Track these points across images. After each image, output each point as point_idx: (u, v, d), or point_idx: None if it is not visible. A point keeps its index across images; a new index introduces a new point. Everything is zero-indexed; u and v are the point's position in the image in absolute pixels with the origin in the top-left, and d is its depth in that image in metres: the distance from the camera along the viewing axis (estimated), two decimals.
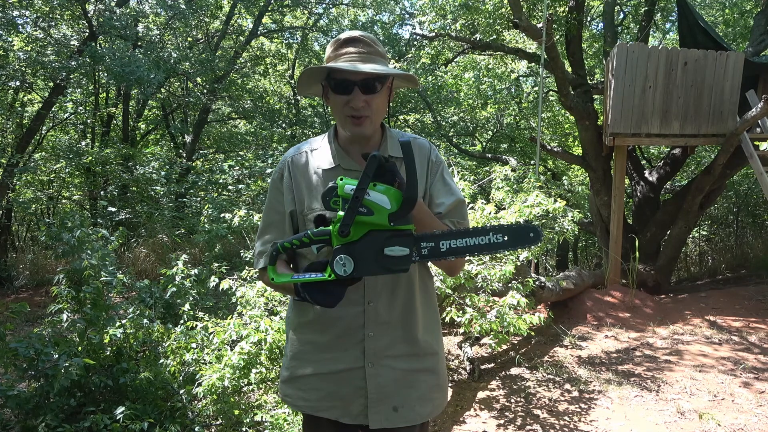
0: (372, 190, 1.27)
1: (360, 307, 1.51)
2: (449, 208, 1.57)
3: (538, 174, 6.88)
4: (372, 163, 1.25)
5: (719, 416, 3.55)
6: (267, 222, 1.62)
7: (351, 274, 1.28)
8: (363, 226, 1.28)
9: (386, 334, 1.52)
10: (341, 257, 1.28)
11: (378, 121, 1.54)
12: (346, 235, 1.27)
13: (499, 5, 8.32)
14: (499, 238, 1.33)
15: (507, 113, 12.55)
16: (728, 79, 6.48)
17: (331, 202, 1.29)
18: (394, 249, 1.28)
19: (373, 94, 1.47)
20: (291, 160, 1.62)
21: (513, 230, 1.34)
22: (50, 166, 9.95)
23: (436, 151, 1.66)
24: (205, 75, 10.74)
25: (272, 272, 1.40)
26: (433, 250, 1.33)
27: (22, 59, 8.29)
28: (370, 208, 1.26)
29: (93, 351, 3.23)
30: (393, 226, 1.27)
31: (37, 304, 6.41)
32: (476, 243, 1.33)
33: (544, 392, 4.04)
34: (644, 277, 7.01)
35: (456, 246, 1.33)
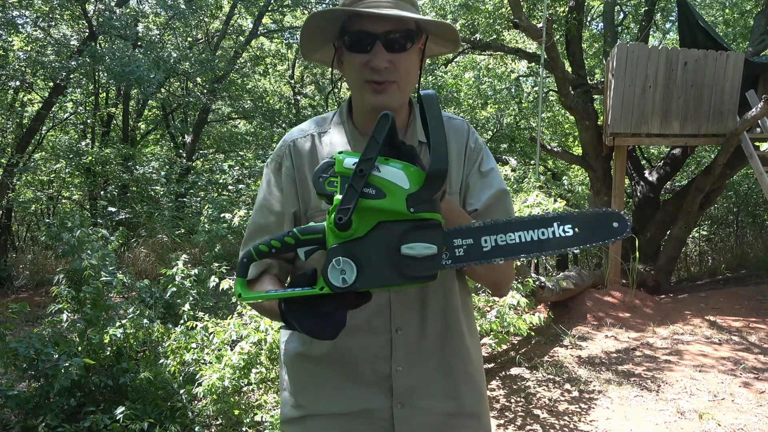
0: (384, 165, 0.90)
1: (386, 336, 1.18)
2: (488, 204, 1.21)
3: (538, 174, 6.88)
4: (383, 124, 0.89)
5: (719, 416, 3.55)
6: (258, 225, 1.24)
7: (353, 284, 0.88)
8: (370, 214, 0.89)
9: (420, 367, 1.20)
10: (339, 260, 0.88)
11: (407, 91, 1.18)
12: (347, 228, 0.88)
13: (499, 5, 8.32)
14: (567, 230, 0.95)
15: (507, 113, 12.55)
16: (728, 79, 6.48)
17: (326, 182, 0.92)
18: (415, 246, 0.89)
19: (400, 53, 1.11)
20: (293, 144, 1.25)
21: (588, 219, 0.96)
22: (50, 166, 9.96)
23: (477, 136, 1.29)
24: (205, 75, 10.74)
25: (240, 286, 0.99)
26: (471, 250, 0.96)
27: (22, 59, 8.30)
28: (381, 189, 0.88)
29: (93, 351, 3.23)
30: (413, 213, 0.88)
31: (37, 304, 6.41)
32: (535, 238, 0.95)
33: (544, 392, 4.04)
34: (644, 277, 7.01)
35: (506, 243, 0.95)
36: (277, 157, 1.26)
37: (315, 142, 1.25)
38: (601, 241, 0.95)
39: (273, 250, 0.96)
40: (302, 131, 1.28)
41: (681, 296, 6.90)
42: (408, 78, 1.16)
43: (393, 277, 0.90)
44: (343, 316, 0.94)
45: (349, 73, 1.17)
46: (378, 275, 0.89)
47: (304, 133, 1.27)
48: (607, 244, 0.91)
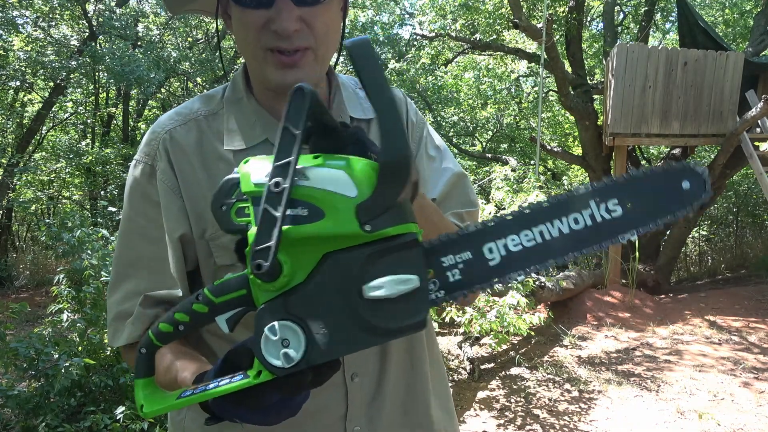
0: (314, 167, 0.59)
1: (339, 388, 0.89)
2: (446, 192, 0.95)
3: (538, 174, 6.89)
4: (297, 102, 0.57)
5: (719, 416, 3.55)
6: (128, 260, 0.87)
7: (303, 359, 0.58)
8: (309, 246, 0.58)
9: (382, 420, 0.92)
10: (274, 327, 0.58)
11: (327, 59, 0.86)
12: (275, 276, 0.57)
13: (499, 5, 8.32)
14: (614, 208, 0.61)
15: (507, 113, 12.55)
16: (728, 79, 6.48)
17: (232, 212, 0.60)
18: (384, 283, 0.57)
19: (314, 5, 0.78)
20: (169, 137, 0.87)
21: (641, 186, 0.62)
22: (50, 166, 9.96)
23: (415, 107, 1.01)
24: (205, 75, 10.74)
25: (142, 393, 0.67)
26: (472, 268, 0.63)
27: (22, 59, 8.29)
28: (315, 205, 0.57)
29: (93, 351, 3.23)
30: (371, 232, 0.57)
31: (37, 304, 6.41)
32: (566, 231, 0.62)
33: (544, 392, 4.04)
34: (644, 277, 7.01)
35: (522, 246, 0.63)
36: (145, 157, 0.87)
37: (202, 128, 0.88)
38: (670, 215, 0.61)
39: (180, 327, 0.65)
40: (180, 115, 0.90)
41: (681, 296, 6.91)
42: (327, 40, 0.83)
43: (362, 338, 0.59)
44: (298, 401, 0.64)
45: (243, 39, 0.82)
46: (339, 338, 0.58)
47: (185, 117, 0.89)
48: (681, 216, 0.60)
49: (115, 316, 0.87)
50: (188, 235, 0.85)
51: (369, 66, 0.56)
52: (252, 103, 0.89)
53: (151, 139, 0.88)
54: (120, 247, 0.89)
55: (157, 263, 0.84)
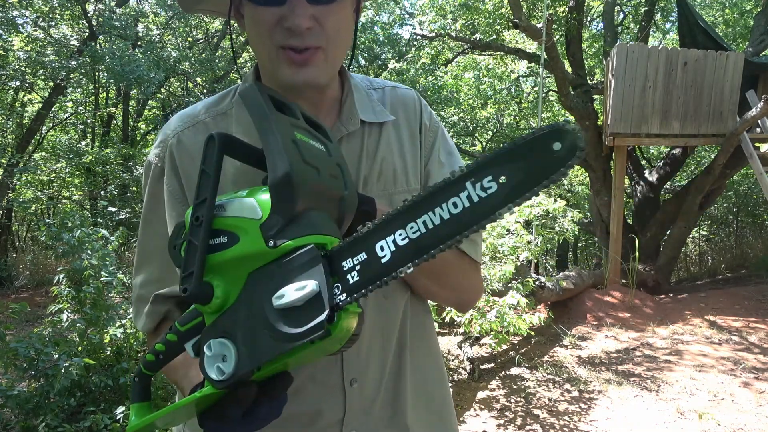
0: (230, 199, 0.67)
1: (337, 393, 0.89)
2: None
3: None
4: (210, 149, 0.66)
5: (719, 416, 3.55)
6: (146, 250, 0.94)
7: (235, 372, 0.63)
8: (235, 269, 0.65)
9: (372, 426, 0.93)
10: (210, 344, 0.65)
11: (339, 58, 0.86)
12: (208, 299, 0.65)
13: (499, 5, 8.32)
14: (489, 185, 0.60)
15: (507, 113, 12.56)
16: (728, 79, 6.49)
17: (182, 248, 0.66)
18: (284, 291, 0.62)
19: (329, 4, 0.79)
20: (176, 140, 0.89)
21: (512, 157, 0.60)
22: (50, 166, 9.97)
23: (429, 109, 1.00)
24: (205, 75, 10.74)
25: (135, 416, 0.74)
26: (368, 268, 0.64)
27: (22, 59, 8.30)
28: (232, 232, 0.65)
29: (93, 351, 3.23)
30: (274, 247, 0.63)
31: (37, 304, 6.41)
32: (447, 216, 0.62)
33: (544, 392, 4.04)
34: (644, 277, 7.01)
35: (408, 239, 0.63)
36: (156, 158, 0.90)
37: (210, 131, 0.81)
38: (545, 181, 0.58)
39: (161, 356, 0.73)
40: (189, 117, 0.90)
41: (681, 296, 6.91)
42: (339, 41, 0.82)
43: (274, 345, 0.62)
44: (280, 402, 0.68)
45: (256, 36, 0.82)
46: (258, 349, 0.63)
47: (192, 119, 0.90)
48: (556, 180, 0.58)
49: (136, 297, 0.94)
50: None
51: (253, 106, 0.67)
52: None
53: (161, 141, 0.90)
54: (140, 236, 0.94)
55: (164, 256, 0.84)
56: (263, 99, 0.67)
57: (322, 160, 0.71)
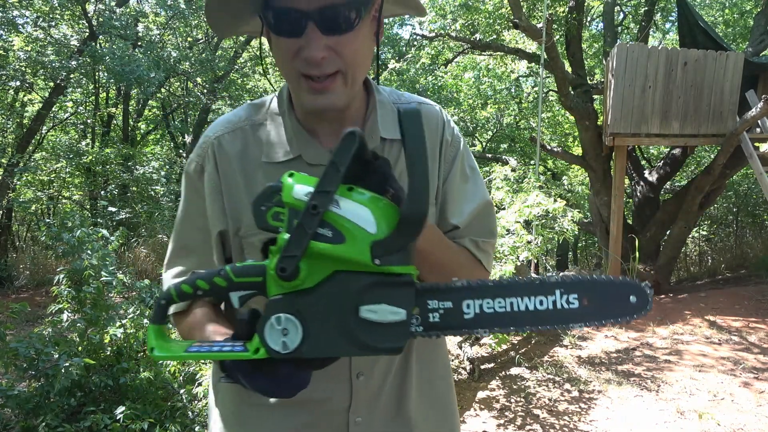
0: (345, 198, 0.70)
1: (345, 384, 0.97)
2: (470, 219, 0.99)
3: (538, 174, 6.88)
4: (347, 144, 0.68)
5: (719, 416, 3.55)
6: (181, 243, 1.00)
7: (297, 349, 0.70)
8: (325, 261, 0.70)
9: (377, 417, 1.00)
10: (280, 318, 0.70)
11: (358, 80, 0.89)
12: (291, 278, 0.69)
13: (499, 5, 8.32)
14: (573, 301, 0.73)
15: (507, 113, 12.56)
16: (728, 79, 6.49)
17: (269, 214, 0.71)
18: (378, 310, 0.70)
19: (343, 34, 0.82)
20: (217, 143, 0.96)
21: (599, 289, 0.74)
22: (50, 166, 9.97)
23: (453, 125, 1.04)
24: (205, 75, 10.75)
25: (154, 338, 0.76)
26: (450, 316, 0.74)
27: (22, 59, 8.30)
28: (339, 231, 0.69)
29: (93, 351, 3.23)
30: (379, 265, 0.69)
31: (37, 304, 6.41)
32: (531, 308, 0.73)
33: (544, 392, 4.04)
34: (644, 277, 7.00)
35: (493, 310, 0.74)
36: (197, 157, 0.98)
37: (248, 138, 0.96)
38: (613, 319, 0.74)
39: (199, 291, 0.75)
40: (230, 123, 0.99)
41: (681, 296, 6.91)
42: (358, 62, 0.86)
43: (347, 346, 0.71)
44: (306, 377, 0.75)
45: (279, 61, 0.88)
46: (329, 341, 0.71)
47: (233, 125, 0.98)
48: (621, 322, 0.73)
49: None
50: (226, 232, 0.96)
51: (414, 133, 0.68)
52: (292, 121, 0.96)
53: (203, 143, 0.98)
54: (176, 231, 1.01)
55: (204, 249, 0.97)
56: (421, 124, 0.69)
57: None
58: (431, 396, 1.06)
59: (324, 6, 0.80)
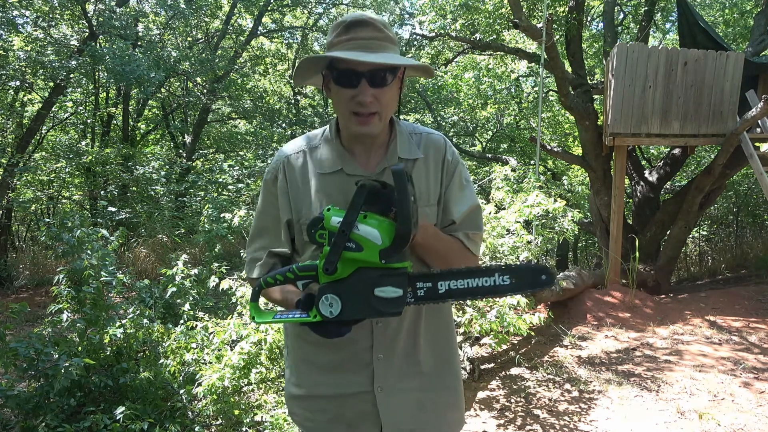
0: (362, 223, 1.14)
1: (368, 328, 1.37)
2: (463, 217, 1.42)
3: (538, 174, 6.87)
4: (360, 193, 1.13)
5: (719, 416, 3.55)
6: (260, 226, 1.47)
7: (338, 315, 1.17)
8: (351, 263, 1.16)
9: (395, 356, 1.40)
10: (327, 296, 1.17)
11: (387, 117, 1.36)
12: (332, 273, 1.16)
13: (499, 5, 8.32)
14: (505, 280, 1.18)
15: (507, 113, 12.55)
16: (728, 79, 6.48)
17: (317, 235, 1.18)
18: (385, 290, 1.15)
19: (382, 87, 1.27)
20: (287, 160, 1.42)
21: (521, 271, 1.18)
22: (50, 166, 9.96)
23: (453, 148, 1.46)
24: (205, 75, 10.75)
25: (253, 310, 1.29)
26: (430, 292, 1.19)
27: (22, 59, 8.29)
28: (359, 244, 1.14)
29: (93, 351, 3.23)
30: (385, 264, 1.14)
31: (37, 304, 6.41)
32: (479, 285, 1.18)
33: (544, 392, 4.04)
34: (644, 277, 7.01)
35: (456, 287, 1.18)
36: (273, 170, 1.44)
37: (306, 158, 1.42)
38: (530, 290, 1.20)
39: (278, 282, 1.27)
40: (296, 147, 1.45)
41: (681, 296, 6.90)
42: (389, 107, 1.33)
43: (368, 312, 1.18)
44: (347, 329, 1.23)
45: (337, 103, 1.33)
46: (357, 309, 1.18)
47: (298, 149, 1.44)
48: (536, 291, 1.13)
49: (250, 259, 1.48)
50: (291, 220, 1.40)
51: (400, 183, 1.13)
52: (337, 145, 1.40)
53: (277, 160, 1.45)
54: (256, 219, 1.48)
55: (276, 231, 1.43)
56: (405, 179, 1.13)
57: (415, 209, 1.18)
58: (435, 344, 1.46)
59: (372, 69, 1.25)
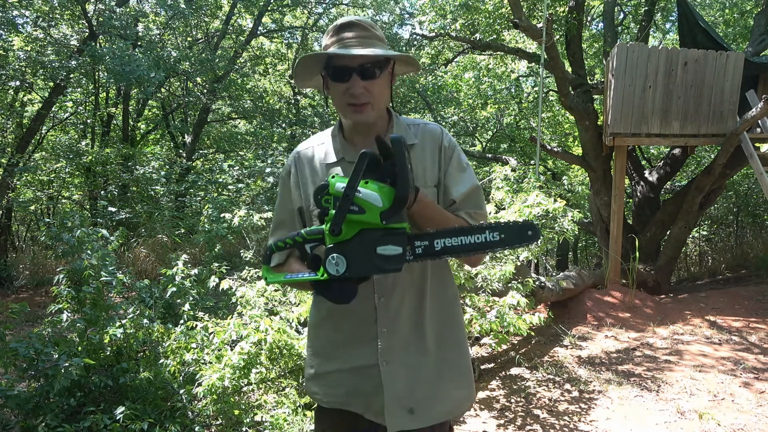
0: (363, 188, 1.23)
1: (371, 303, 1.47)
2: (463, 197, 1.51)
3: (538, 174, 6.87)
4: (362, 160, 1.22)
5: (719, 416, 3.55)
6: (278, 220, 1.62)
7: (344, 273, 1.25)
8: (355, 224, 1.24)
9: (398, 330, 1.47)
10: (333, 256, 1.25)
11: (380, 107, 1.48)
12: (338, 234, 1.25)
13: (499, 5, 8.32)
14: (495, 236, 1.27)
15: (507, 113, 12.55)
16: (728, 79, 6.48)
17: (323, 200, 1.28)
18: (387, 248, 1.24)
19: (372, 80, 1.41)
20: (298, 155, 1.60)
21: (510, 228, 1.28)
22: (50, 166, 9.96)
23: (449, 136, 1.58)
24: (205, 75, 10.74)
25: (266, 271, 1.40)
26: (427, 249, 1.28)
27: (22, 59, 8.29)
28: (362, 207, 1.23)
29: (93, 351, 3.23)
30: (385, 224, 1.23)
31: (37, 304, 6.41)
32: (472, 241, 1.27)
33: (544, 392, 4.04)
34: (644, 277, 7.01)
35: (451, 245, 1.27)
36: (287, 166, 1.62)
37: (314, 152, 1.58)
38: (518, 245, 1.28)
39: (287, 245, 1.37)
40: (307, 144, 1.62)
41: (681, 296, 6.90)
42: (380, 97, 1.45)
43: (372, 269, 1.27)
44: (354, 289, 1.30)
45: (335, 98, 1.47)
46: (361, 267, 1.26)
47: (308, 146, 1.61)
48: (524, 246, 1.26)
49: None
50: (302, 208, 1.50)
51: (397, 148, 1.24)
52: (340, 138, 1.56)
53: (290, 157, 1.61)
54: (275, 213, 1.63)
55: (291, 222, 1.56)
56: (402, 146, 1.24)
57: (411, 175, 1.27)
58: (441, 317, 1.53)
59: (362, 64, 1.40)
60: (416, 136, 1.54)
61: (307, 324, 1.68)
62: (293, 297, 3.82)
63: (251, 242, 5.77)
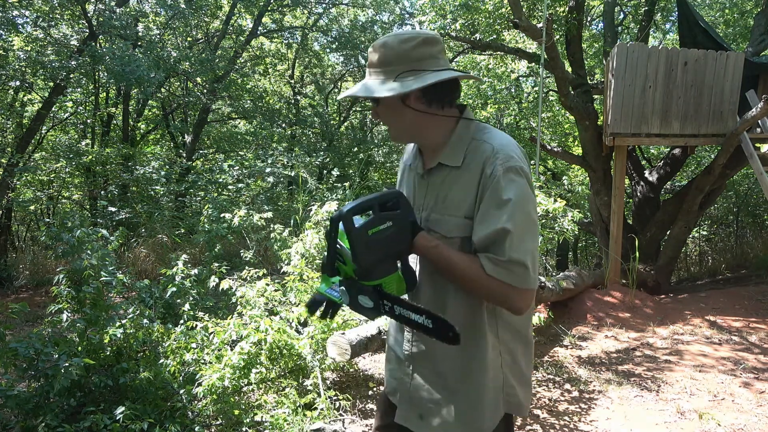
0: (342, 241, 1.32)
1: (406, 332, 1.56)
2: (482, 241, 1.31)
3: (538, 174, 6.87)
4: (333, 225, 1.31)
5: (719, 416, 3.55)
6: None
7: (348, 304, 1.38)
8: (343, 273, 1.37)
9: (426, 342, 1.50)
10: (342, 288, 1.38)
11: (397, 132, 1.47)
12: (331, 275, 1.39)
13: (499, 5, 8.32)
14: (428, 323, 1.29)
15: (507, 113, 12.56)
16: (728, 79, 6.48)
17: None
18: (363, 299, 1.35)
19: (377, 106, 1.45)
20: (403, 159, 1.68)
21: (438, 322, 1.27)
22: (50, 166, 9.96)
23: (498, 164, 1.32)
24: (205, 75, 10.74)
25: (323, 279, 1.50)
26: (392, 311, 1.35)
27: (22, 59, 8.29)
28: (343, 257, 1.34)
29: (93, 351, 3.23)
30: (358, 280, 1.33)
31: (37, 304, 6.41)
32: (413, 319, 1.31)
33: (544, 392, 4.04)
34: (644, 277, 7.01)
35: (401, 314, 1.33)
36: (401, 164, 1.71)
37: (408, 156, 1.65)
38: (437, 338, 1.28)
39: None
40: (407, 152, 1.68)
41: (681, 296, 6.90)
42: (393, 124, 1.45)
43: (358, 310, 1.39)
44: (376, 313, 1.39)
45: None
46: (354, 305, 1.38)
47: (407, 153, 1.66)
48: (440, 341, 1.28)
49: None
50: None
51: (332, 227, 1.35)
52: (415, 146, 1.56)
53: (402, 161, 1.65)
54: None
55: None
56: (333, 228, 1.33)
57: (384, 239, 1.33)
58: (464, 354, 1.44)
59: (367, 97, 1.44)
60: (465, 156, 1.39)
61: None
62: (293, 297, 3.82)
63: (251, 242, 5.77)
